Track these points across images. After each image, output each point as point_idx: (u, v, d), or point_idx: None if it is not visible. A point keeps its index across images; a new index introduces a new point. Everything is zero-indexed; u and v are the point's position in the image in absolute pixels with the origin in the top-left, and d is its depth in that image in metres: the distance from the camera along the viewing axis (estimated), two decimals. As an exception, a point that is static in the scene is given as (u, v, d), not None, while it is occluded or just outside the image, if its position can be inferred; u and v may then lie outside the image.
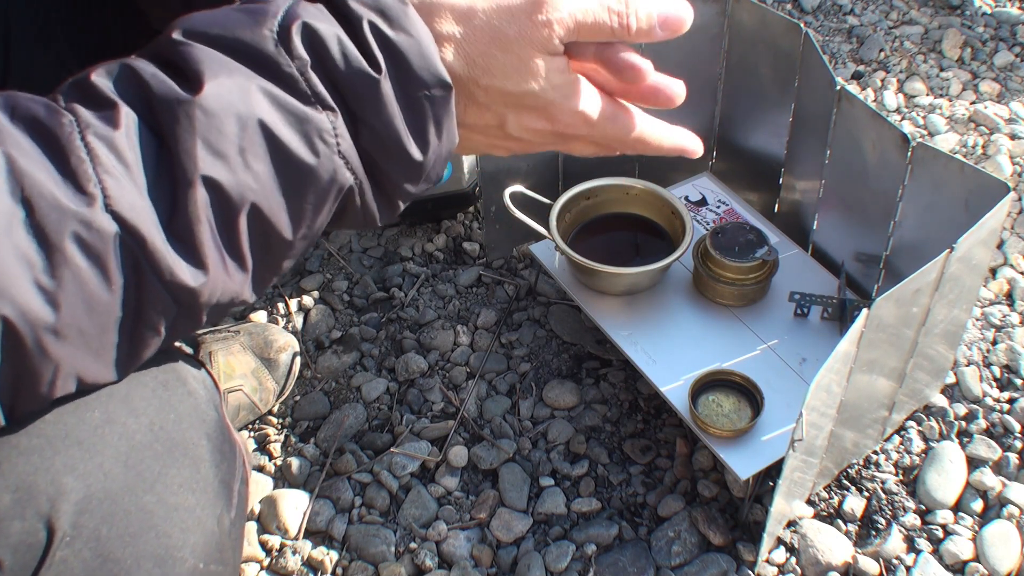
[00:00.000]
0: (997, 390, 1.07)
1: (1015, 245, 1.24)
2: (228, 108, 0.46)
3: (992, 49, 1.59)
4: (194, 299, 0.47)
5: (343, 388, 1.11)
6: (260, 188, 0.47)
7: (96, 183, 0.43)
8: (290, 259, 0.53)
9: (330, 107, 0.49)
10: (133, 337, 0.47)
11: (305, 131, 0.48)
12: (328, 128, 0.49)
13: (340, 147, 0.49)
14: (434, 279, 1.23)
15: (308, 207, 0.50)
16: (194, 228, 0.46)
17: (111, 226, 0.43)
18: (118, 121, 0.45)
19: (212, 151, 0.46)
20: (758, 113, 1.11)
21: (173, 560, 0.52)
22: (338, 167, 0.50)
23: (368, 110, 0.50)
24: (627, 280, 1.03)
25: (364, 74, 0.49)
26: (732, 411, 0.92)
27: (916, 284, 0.77)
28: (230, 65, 0.47)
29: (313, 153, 0.49)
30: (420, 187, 0.55)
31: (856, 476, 0.99)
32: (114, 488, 0.50)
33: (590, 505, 0.98)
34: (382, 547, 0.95)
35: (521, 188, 1.05)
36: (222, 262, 0.48)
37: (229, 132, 0.46)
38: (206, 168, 0.45)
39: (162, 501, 0.52)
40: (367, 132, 0.50)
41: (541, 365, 1.12)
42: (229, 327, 1.09)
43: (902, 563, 0.92)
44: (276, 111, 0.47)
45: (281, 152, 0.48)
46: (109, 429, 0.51)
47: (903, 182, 0.92)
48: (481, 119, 0.57)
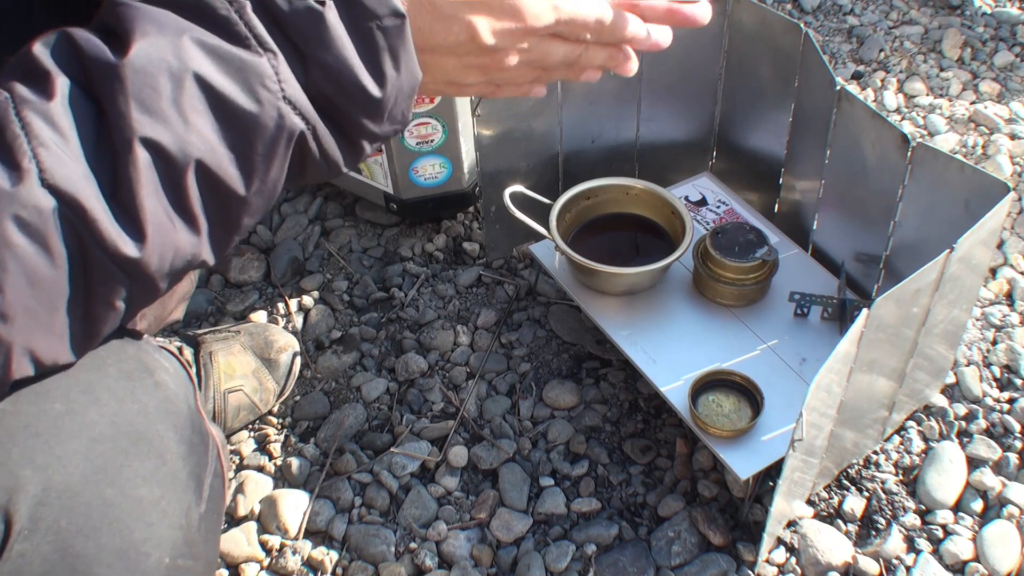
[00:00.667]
0: (997, 390, 1.07)
1: (1015, 245, 1.24)
2: (159, 65, 0.44)
3: (992, 49, 1.59)
4: (140, 268, 0.46)
5: (343, 388, 1.11)
6: (203, 144, 0.46)
7: (31, 157, 0.42)
8: (249, 216, 0.51)
9: (271, 49, 0.47)
10: (87, 313, 0.46)
11: (244, 78, 0.46)
12: (269, 73, 0.47)
13: (285, 92, 0.48)
14: (434, 279, 1.23)
15: (258, 158, 0.48)
16: (136, 194, 0.44)
17: (48, 201, 0.42)
18: (52, 91, 0.43)
19: (147, 111, 0.44)
20: (758, 113, 1.11)
21: (137, 554, 0.51)
22: (285, 113, 0.48)
23: (316, 46, 0.48)
24: (627, 280, 1.03)
25: (307, 8, 0.47)
26: (732, 411, 0.92)
27: (916, 284, 0.77)
28: (162, 19, 0.45)
29: (255, 101, 0.47)
30: (385, 128, 0.53)
31: (856, 476, 0.99)
32: (74, 480, 0.49)
33: (590, 505, 0.98)
34: (382, 547, 0.95)
35: (521, 188, 1.05)
36: (171, 225, 0.46)
37: (163, 89, 0.44)
38: (143, 129, 0.44)
39: (125, 494, 0.51)
40: (318, 70, 0.48)
41: (541, 365, 1.12)
42: (229, 327, 1.09)
43: (902, 563, 0.92)
44: (211, 61, 0.46)
45: (221, 103, 0.46)
46: (69, 420, 0.50)
47: (903, 182, 0.92)
48: (449, 34, 0.55)
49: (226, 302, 1.21)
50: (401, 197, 1.21)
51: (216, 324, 1.18)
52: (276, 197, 0.52)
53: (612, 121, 1.12)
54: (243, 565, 0.95)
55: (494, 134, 1.05)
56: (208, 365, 1.02)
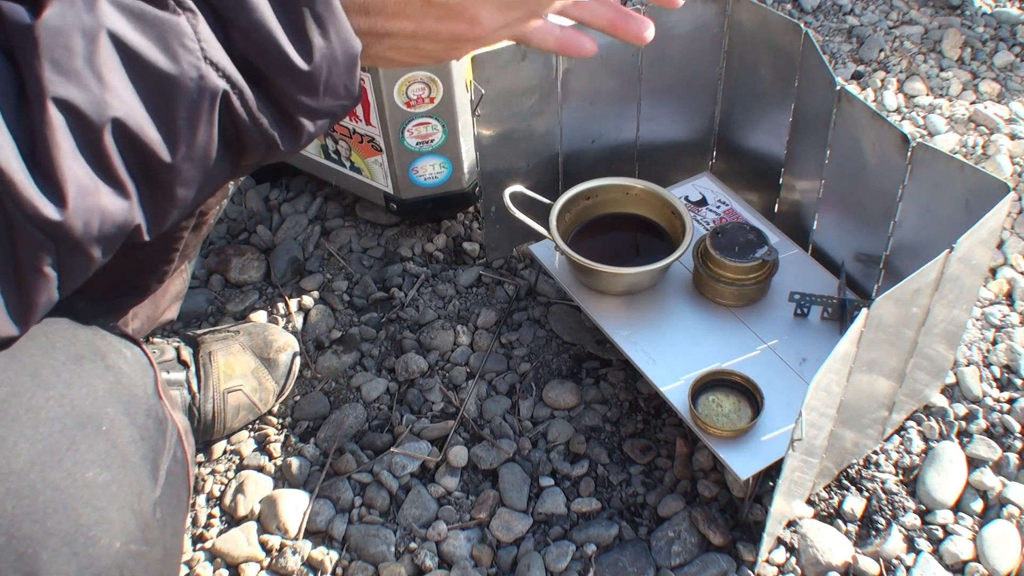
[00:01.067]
0: (997, 390, 1.07)
1: (1015, 245, 1.24)
2: (72, 23, 0.43)
3: (992, 49, 1.59)
4: (64, 232, 0.44)
5: (343, 388, 1.11)
6: (120, 104, 0.44)
7: None
8: (183, 187, 0.49)
9: (189, 8, 0.45)
10: (19, 281, 0.45)
11: (162, 37, 0.45)
12: (188, 32, 0.45)
13: (206, 52, 0.46)
14: (434, 279, 1.23)
15: (181, 121, 0.46)
16: (53, 155, 0.43)
17: None
18: None
19: (60, 70, 0.43)
20: (758, 113, 1.11)
21: (85, 538, 0.50)
22: (206, 74, 0.46)
23: (232, 8, 0.46)
24: (627, 280, 1.03)
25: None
26: (732, 411, 0.92)
27: (916, 284, 0.77)
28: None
29: (173, 61, 0.45)
30: (325, 103, 0.51)
31: (856, 476, 0.99)
32: (19, 464, 0.48)
33: (590, 505, 0.98)
34: (382, 547, 0.95)
35: (521, 188, 1.05)
36: (94, 188, 0.45)
37: (75, 48, 0.43)
38: (56, 89, 0.43)
39: (72, 477, 0.50)
40: (238, 34, 0.47)
41: (541, 365, 1.12)
42: (229, 327, 1.09)
43: (902, 563, 0.92)
44: (126, 19, 0.44)
45: (137, 62, 0.45)
46: (14, 403, 0.49)
47: (903, 182, 0.92)
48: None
49: (226, 302, 1.21)
50: (401, 197, 1.21)
51: (216, 324, 1.18)
52: (211, 166, 0.50)
53: (612, 121, 1.13)
54: (243, 565, 0.95)
55: (494, 134, 1.05)
56: (207, 365, 1.02)
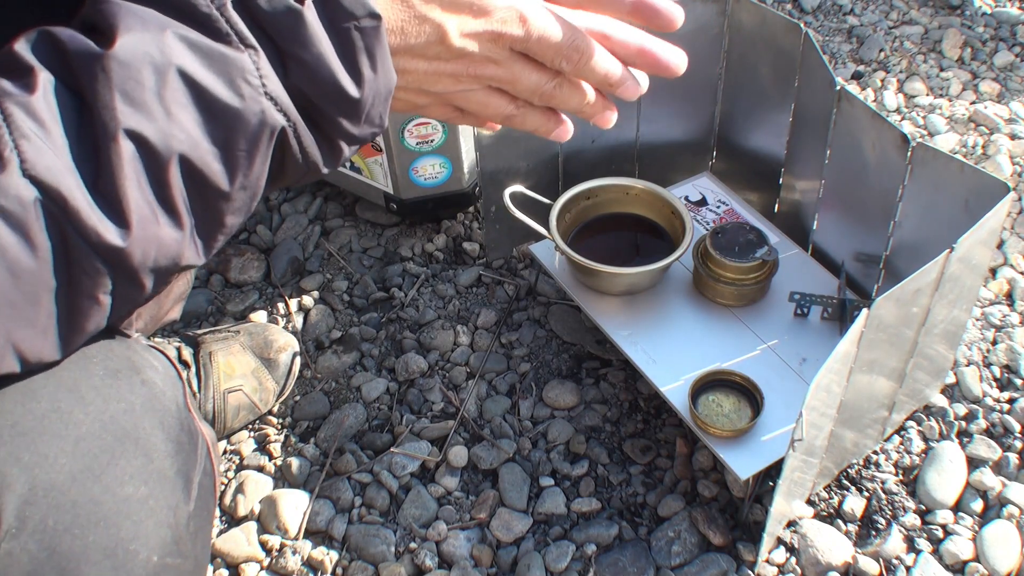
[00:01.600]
0: (997, 390, 1.07)
1: (1015, 245, 1.24)
2: (143, 58, 0.45)
3: (992, 49, 1.59)
4: (124, 260, 0.46)
5: (343, 388, 1.11)
6: (187, 137, 0.46)
7: (12, 148, 0.42)
8: (233, 215, 0.51)
9: (251, 45, 0.47)
10: (70, 307, 0.46)
11: (227, 73, 0.47)
12: (250, 68, 0.48)
13: (266, 87, 0.48)
14: (434, 279, 1.23)
15: (241, 154, 0.48)
16: (119, 184, 0.44)
17: (30, 191, 0.42)
18: (35, 85, 0.44)
19: (131, 103, 0.45)
20: (758, 113, 1.11)
21: (125, 552, 0.51)
22: (266, 108, 0.48)
23: (294, 43, 0.49)
24: (627, 280, 1.03)
25: (287, 7, 0.48)
26: (732, 411, 0.92)
27: (916, 284, 0.77)
28: (145, 15, 0.46)
29: (237, 95, 0.47)
30: (363, 130, 0.54)
31: (856, 476, 0.99)
32: (60, 479, 0.49)
33: (590, 505, 0.98)
34: (382, 547, 0.95)
35: (521, 188, 1.05)
36: (154, 219, 0.46)
37: (147, 82, 0.45)
38: (127, 120, 0.44)
39: (111, 492, 0.51)
40: (296, 67, 0.49)
41: (541, 365, 1.12)
42: (229, 327, 1.09)
43: (902, 563, 0.92)
44: (194, 55, 0.46)
45: (204, 97, 0.47)
46: (55, 419, 0.50)
47: (903, 182, 0.92)
48: (421, 33, 0.55)
49: (226, 302, 1.21)
50: (401, 197, 1.21)
51: (216, 324, 1.18)
52: (259, 196, 0.52)
53: (612, 121, 1.12)
54: (243, 565, 0.95)
55: (494, 134, 1.05)
56: (208, 365, 1.02)
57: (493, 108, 0.62)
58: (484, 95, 0.61)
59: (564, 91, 0.62)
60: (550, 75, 0.61)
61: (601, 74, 0.61)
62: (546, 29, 0.58)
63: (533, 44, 0.59)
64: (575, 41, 0.59)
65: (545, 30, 0.58)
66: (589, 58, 0.60)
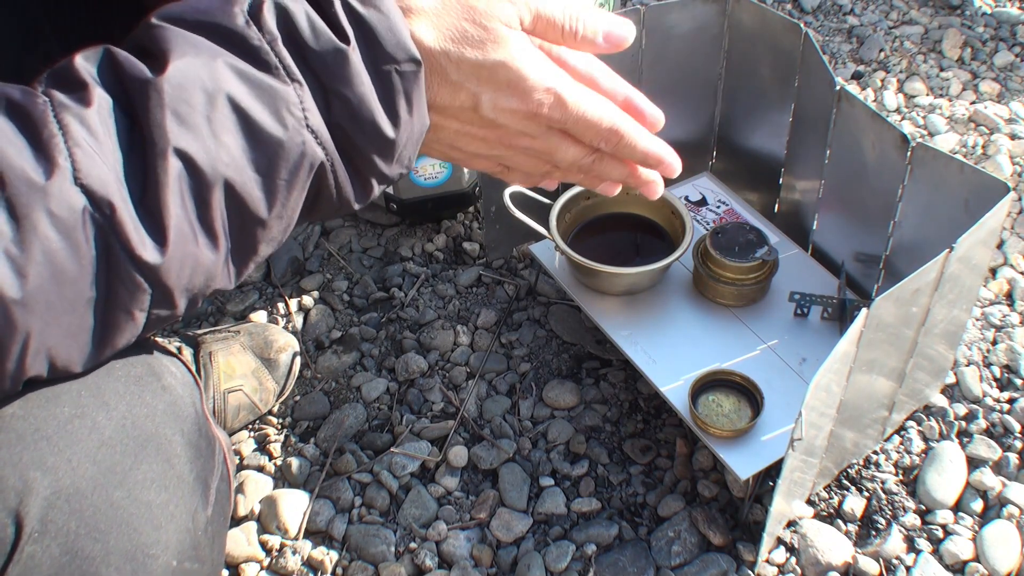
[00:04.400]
0: (997, 390, 1.07)
1: (1015, 245, 1.24)
2: (195, 82, 0.47)
3: (992, 49, 1.59)
4: (159, 276, 0.47)
5: (343, 388, 1.11)
6: (232, 162, 0.48)
7: (66, 156, 0.44)
8: (266, 243, 0.52)
9: (297, 80, 0.49)
10: (106, 319, 0.47)
11: (273, 103, 0.49)
12: (295, 101, 0.49)
13: (308, 121, 0.50)
14: (434, 279, 1.23)
15: (281, 183, 0.50)
16: (163, 200, 0.46)
17: (80, 199, 0.44)
18: (90, 100, 0.45)
19: (182, 123, 0.46)
20: (758, 113, 1.11)
21: (144, 556, 0.52)
22: (307, 141, 0.50)
23: (338, 81, 0.50)
24: (627, 280, 1.03)
25: (333, 46, 0.50)
26: (732, 411, 0.92)
27: (916, 284, 0.77)
28: (198, 43, 0.48)
29: (282, 126, 0.49)
30: (394, 169, 0.55)
31: (856, 476, 0.99)
32: (83, 484, 0.49)
33: (590, 505, 0.98)
34: (382, 547, 0.95)
35: (521, 188, 1.05)
36: (193, 238, 0.48)
37: (197, 105, 0.46)
38: (177, 140, 0.46)
39: (133, 497, 0.51)
40: (339, 103, 0.51)
41: (541, 365, 1.12)
42: (229, 327, 1.09)
43: (902, 563, 0.92)
44: (243, 84, 0.48)
45: (250, 125, 0.48)
46: (79, 424, 0.50)
47: (903, 182, 0.92)
48: (455, 98, 0.56)
49: (226, 302, 1.21)
50: (401, 197, 1.21)
51: (216, 324, 1.18)
52: (291, 228, 0.54)
53: (612, 121, 1.12)
54: (243, 565, 0.95)
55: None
56: (208, 365, 1.02)
57: (532, 169, 0.63)
58: (522, 158, 0.62)
59: (604, 165, 0.63)
60: (588, 151, 0.62)
61: (640, 154, 0.62)
62: (585, 112, 0.59)
63: (571, 125, 0.59)
64: (615, 124, 0.60)
65: (584, 113, 0.59)
66: (629, 139, 0.60)
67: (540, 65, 0.57)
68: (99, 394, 0.52)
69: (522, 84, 0.56)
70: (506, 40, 0.55)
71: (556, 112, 0.58)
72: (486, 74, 0.56)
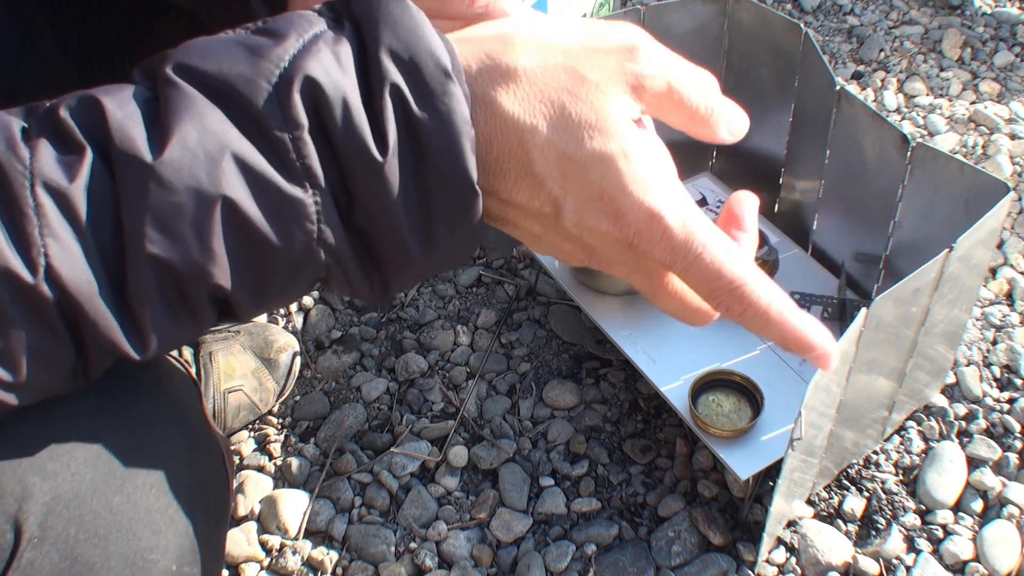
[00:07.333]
0: (997, 390, 1.07)
1: (1015, 245, 1.24)
2: (189, 182, 0.40)
3: (992, 49, 1.59)
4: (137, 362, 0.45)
5: (343, 388, 1.11)
6: (220, 272, 0.42)
7: (40, 249, 0.40)
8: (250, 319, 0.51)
9: (318, 185, 0.42)
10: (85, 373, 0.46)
11: (279, 211, 0.42)
12: (308, 213, 0.42)
13: (322, 235, 0.43)
14: (434, 279, 1.23)
15: (274, 289, 0.46)
16: (139, 301, 0.42)
17: (51, 294, 0.40)
18: (78, 171, 0.40)
19: (163, 230, 0.41)
20: (758, 113, 1.11)
21: (144, 561, 0.51)
22: (314, 256, 0.44)
23: (364, 192, 0.42)
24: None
25: (366, 154, 0.41)
26: (732, 411, 0.92)
27: (916, 284, 0.77)
28: (208, 124, 0.41)
29: (284, 239, 0.42)
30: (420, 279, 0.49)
31: (856, 476, 0.99)
32: (82, 489, 0.49)
33: (590, 505, 0.98)
34: (382, 547, 0.95)
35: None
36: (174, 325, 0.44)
37: (187, 211, 0.40)
38: (152, 247, 0.41)
39: (132, 502, 0.51)
40: (361, 214, 0.43)
41: (541, 365, 1.12)
42: (229, 327, 1.09)
43: (902, 563, 0.92)
44: (247, 188, 0.41)
45: (249, 236, 0.42)
46: (77, 428, 0.50)
47: (903, 182, 0.92)
48: (534, 198, 0.44)
49: (226, 302, 1.21)
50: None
51: (216, 324, 1.18)
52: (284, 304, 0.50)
53: (612, 121, 1.12)
54: (243, 565, 0.95)
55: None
56: (208, 365, 1.02)
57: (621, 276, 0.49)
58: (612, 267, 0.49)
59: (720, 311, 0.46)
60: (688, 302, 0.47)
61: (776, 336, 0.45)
62: (699, 258, 0.43)
63: (679, 272, 0.44)
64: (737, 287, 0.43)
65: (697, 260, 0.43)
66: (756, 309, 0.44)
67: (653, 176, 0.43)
68: (97, 397, 0.52)
69: (618, 200, 0.43)
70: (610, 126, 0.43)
71: (659, 251, 0.43)
72: (574, 172, 0.43)
